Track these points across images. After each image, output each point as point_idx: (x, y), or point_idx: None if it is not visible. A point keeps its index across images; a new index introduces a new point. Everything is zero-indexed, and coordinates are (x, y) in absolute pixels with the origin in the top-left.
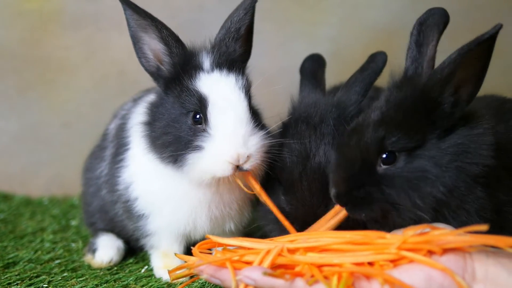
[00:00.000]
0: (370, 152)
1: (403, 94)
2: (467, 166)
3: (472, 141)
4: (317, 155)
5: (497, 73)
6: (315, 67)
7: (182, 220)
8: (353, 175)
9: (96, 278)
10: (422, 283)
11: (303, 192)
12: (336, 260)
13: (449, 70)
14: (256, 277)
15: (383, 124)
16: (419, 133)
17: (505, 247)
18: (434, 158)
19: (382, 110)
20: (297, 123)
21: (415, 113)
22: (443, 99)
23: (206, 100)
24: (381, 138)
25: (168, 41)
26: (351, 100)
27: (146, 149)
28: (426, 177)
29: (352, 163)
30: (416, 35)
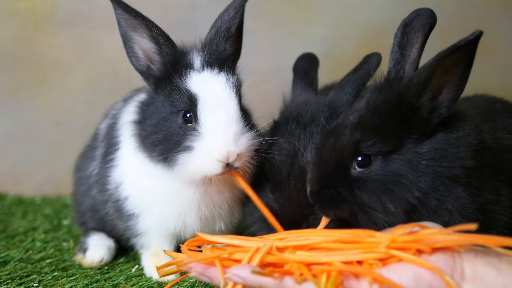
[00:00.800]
0: (345, 154)
1: (382, 98)
2: (445, 169)
3: (450, 145)
4: (305, 154)
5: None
6: (308, 66)
7: (172, 219)
8: (326, 174)
9: (87, 277)
10: (411, 282)
11: (291, 191)
12: (325, 259)
13: (425, 76)
14: (244, 275)
15: (360, 127)
16: (396, 137)
17: (494, 246)
18: (411, 162)
19: (360, 113)
20: (287, 122)
21: (392, 117)
22: (420, 104)
23: (196, 99)
24: (356, 141)
25: (159, 40)
26: (343, 100)
27: (136, 148)
28: (400, 181)
29: (326, 163)
30: (400, 37)
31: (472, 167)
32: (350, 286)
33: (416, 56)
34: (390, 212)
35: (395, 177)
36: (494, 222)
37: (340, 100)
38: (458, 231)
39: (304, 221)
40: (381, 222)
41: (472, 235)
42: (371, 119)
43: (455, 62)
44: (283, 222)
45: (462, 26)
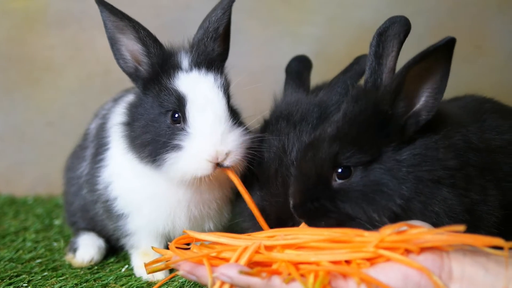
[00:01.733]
0: (325, 167)
1: (358, 108)
2: (426, 173)
3: (428, 148)
4: (294, 152)
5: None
6: (301, 68)
7: (161, 220)
8: (307, 188)
9: (76, 277)
10: (399, 282)
11: (278, 188)
12: (313, 258)
13: (396, 83)
14: (232, 275)
15: (338, 139)
16: (374, 147)
17: (482, 246)
18: (391, 170)
19: (337, 124)
20: (277, 120)
21: (369, 127)
22: (394, 112)
23: (184, 99)
24: (335, 153)
25: (146, 41)
26: (332, 100)
27: (126, 149)
28: (382, 190)
29: (307, 177)
30: (375, 46)
31: (456, 167)
32: (337, 286)
33: (393, 64)
34: (375, 221)
35: (376, 186)
36: (482, 222)
37: (330, 100)
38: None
39: (290, 219)
40: (369, 229)
41: (460, 235)
42: (349, 130)
43: (428, 69)
44: (270, 220)
45: (455, 26)
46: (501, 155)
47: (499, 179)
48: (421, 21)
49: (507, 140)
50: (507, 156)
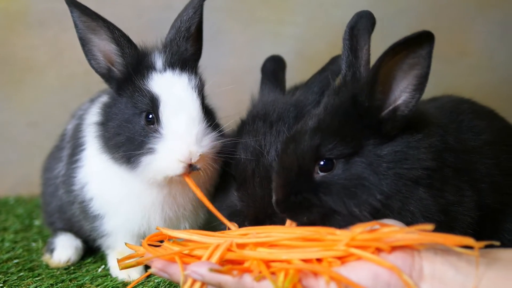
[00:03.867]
0: (306, 159)
1: (339, 100)
2: (406, 172)
3: (410, 147)
4: (271, 152)
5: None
6: (276, 68)
7: (136, 220)
8: (289, 182)
9: (52, 277)
10: (369, 281)
11: (255, 188)
12: (285, 256)
13: (371, 75)
14: (203, 272)
15: (319, 131)
16: (355, 139)
17: (453, 246)
18: (371, 165)
19: (319, 117)
20: (254, 120)
21: (349, 119)
22: (372, 104)
23: (158, 100)
24: (317, 145)
25: (121, 41)
26: (309, 99)
27: (100, 149)
28: (363, 184)
29: (289, 170)
30: (350, 40)
31: (433, 168)
32: (308, 284)
33: (367, 57)
34: (355, 215)
35: (357, 180)
36: (457, 222)
37: (306, 100)
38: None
39: (268, 219)
40: (348, 225)
41: (431, 234)
42: (330, 122)
43: (404, 63)
44: (247, 221)
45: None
46: (477, 155)
47: (475, 180)
48: (403, 21)
49: (483, 140)
50: (484, 157)
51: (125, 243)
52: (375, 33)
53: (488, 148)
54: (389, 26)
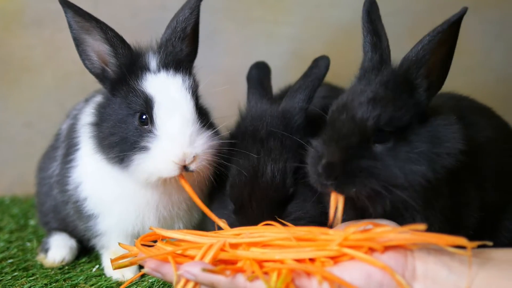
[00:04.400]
0: (367, 127)
1: (386, 77)
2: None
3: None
4: (265, 174)
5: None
6: (261, 75)
7: (130, 220)
8: (350, 147)
9: (47, 277)
10: (362, 280)
11: (253, 212)
12: (278, 256)
13: (423, 53)
14: (196, 272)
15: (377, 101)
16: (407, 114)
17: (445, 246)
18: (419, 142)
19: (371, 90)
20: (244, 137)
21: (402, 94)
22: (418, 82)
23: (152, 101)
24: (378, 115)
25: (114, 42)
26: (296, 109)
27: (94, 150)
28: (417, 158)
29: (348, 136)
30: (370, 23)
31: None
32: (301, 284)
33: (387, 40)
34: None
35: (412, 154)
36: (462, 222)
37: (293, 109)
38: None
39: None
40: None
41: (424, 234)
42: (385, 95)
43: (445, 40)
44: None
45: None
46: (481, 154)
47: (480, 179)
48: (399, 21)
49: (486, 137)
50: (486, 155)
51: (118, 243)
52: None
53: (490, 145)
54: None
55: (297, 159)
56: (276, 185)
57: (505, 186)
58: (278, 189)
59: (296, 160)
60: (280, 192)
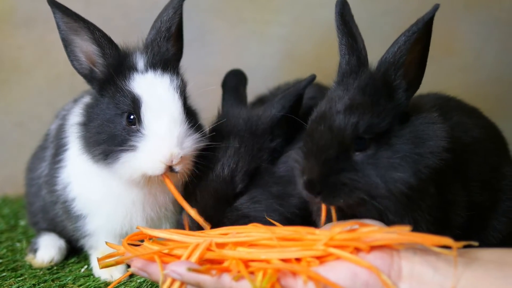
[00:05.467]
0: (346, 137)
1: (364, 81)
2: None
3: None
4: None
5: (452, 72)
6: (236, 82)
7: (118, 220)
8: (329, 160)
9: (35, 277)
10: (348, 280)
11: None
12: (264, 256)
13: (400, 53)
14: (182, 272)
15: (354, 109)
16: (387, 118)
17: (431, 246)
18: (401, 144)
19: (349, 97)
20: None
21: (380, 98)
22: (397, 83)
23: (139, 101)
24: (355, 123)
25: (101, 42)
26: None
27: (81, 149)
28: (399, 164)
29: (325, 148)
30: (344, 25)
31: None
32: (287, 284)
33: (362, 40)
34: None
35: (394, 159)
36: (450, 222)
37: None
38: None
39: None
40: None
41: (410, 233)
42: (363, 101)
43: (420, 38)
44: None
45: None
46: (468, 154)
47: (467, 179)
48: (388, 21)
49: (473, 137)
50: (474, 155)
51: (105, 242)
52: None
53: (477, 145)
54: (375, 26)
55: (257, 161)
56: (223, 179)
57: (492, 186)
58: (225, 183)
59: (255, 163)
60: (226, 186)
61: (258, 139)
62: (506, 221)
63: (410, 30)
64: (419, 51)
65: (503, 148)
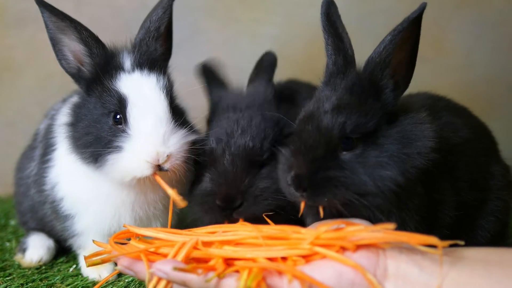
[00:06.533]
0: (333, 137)
1: (351, 81)
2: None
3: (416, 129)
4: (242, 133)
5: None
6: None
7: (107, 220)
8: (317, 158)
9: (23, 277)
10: (333, 279)
11: (225, 166)
12: (250, 255)
13: (386, 53)
14: (167, 270)
15: (341, 109)
16: (374, 118)
17: (417, 245)
18: (388, 144)
19: (336, 97)
20: (225, 111)
21: (368, 98)
22: (384, 83)
23: (125, 100)
24: (342, 122)
25: (88, 41)
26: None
27: (69, 150)
28: (387, 162)
29: (314, 148)
30: (330, 25)
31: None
32: (273, 282)
33: (349, 39)
34: (383, 194)
35: (382, 158)
36: (438, 222)
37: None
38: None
39: (240, 196)
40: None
41: (395, 232)
42: (351, 101)
43: (408, 37)
44: (219, 200)
45: None
46: (457, 154)
47: (456, 179)
48: (379, 21)
49: (462, 137)
50: (463, 155)
51: (92, 240)
52: (352, 33)
53: (466, 145)
54: (366, 25)
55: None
56: (253, 144)
57: (480, 185)
58: (254, 148)
59: (275, 132)
60: (255, 152)
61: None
62: (494, 220)
63: (396, 29)
64: (407, 51)
65: (492, 147)
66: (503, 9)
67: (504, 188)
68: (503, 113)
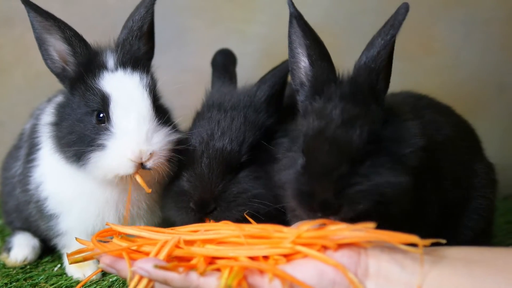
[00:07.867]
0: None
1: (349, 90)
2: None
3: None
4: (222, 135)
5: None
6: (226, 61)
7: (91, 220)
8: (342, 175)
9: (7, 276)
10: (314, 278)
11: (203, 169)
12: (232, 253)
13: (380, 58)
14: (149, 269)
15: (353, 121)
16: (380, 122)
17: (398, 244)
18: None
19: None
20: (209, 109)
21: (370, 104)
22: (380, 87)
23: (108, 99)
24: (359, 134)
25: (72, 41)
26: (263, 91)
27: (53, 149)
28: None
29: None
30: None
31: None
32: (254, 281)
33: None
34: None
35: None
36: (423, 220)
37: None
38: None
39: (214, 201)
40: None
41: (377, 231)
42: (357, 111)
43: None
44: (193, 203)
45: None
46: (441, 152)
47: (440, 177)
48: (367, 20)
49: (446, 135)
50: (446, 153)
51: (75, 238)
52: (341, 32)
53: (449, 143)
54: (354, 25)
55: (257, 136)
56: (231, 148)
57: (464, 183)
58: (232, 152)
59: (256, 136)
60: (233, 155)
61: (257, 115)
62: (477, 218)
63: (388, 34)
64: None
65: (475, 145)
66: (492, 8)
67: (487, 186)
68: (492, 113)
